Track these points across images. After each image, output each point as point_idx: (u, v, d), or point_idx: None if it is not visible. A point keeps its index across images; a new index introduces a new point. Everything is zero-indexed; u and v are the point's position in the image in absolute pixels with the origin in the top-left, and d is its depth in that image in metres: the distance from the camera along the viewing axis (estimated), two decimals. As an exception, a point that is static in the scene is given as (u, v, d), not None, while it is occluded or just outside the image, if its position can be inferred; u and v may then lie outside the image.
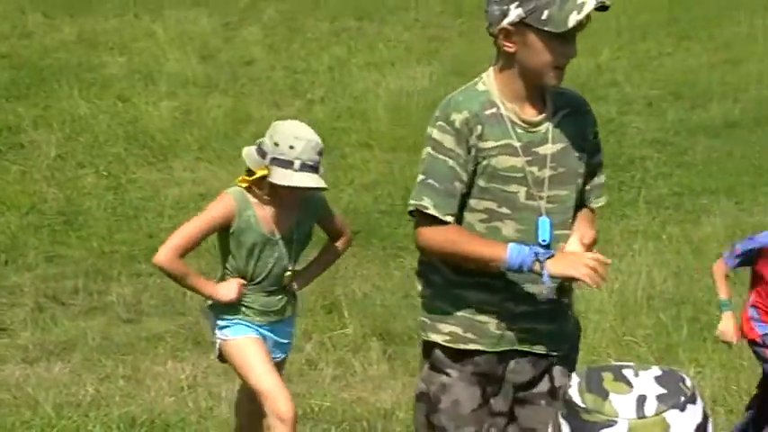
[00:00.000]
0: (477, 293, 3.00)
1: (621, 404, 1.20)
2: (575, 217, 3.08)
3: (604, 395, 1.21)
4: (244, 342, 3.87)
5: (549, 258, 2.85)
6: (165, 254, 3.86)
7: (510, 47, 2.86)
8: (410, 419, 4.02)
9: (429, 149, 2.95)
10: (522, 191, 2.94)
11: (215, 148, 9.75)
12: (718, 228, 7.96)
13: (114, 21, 13.61)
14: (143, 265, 7.05)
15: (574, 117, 3.06)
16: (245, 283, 3.88)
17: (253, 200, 3.85)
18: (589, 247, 2.95)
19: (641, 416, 1.20)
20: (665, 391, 1.22)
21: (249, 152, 3.88)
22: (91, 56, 12.33)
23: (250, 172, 3.84)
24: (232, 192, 3.92)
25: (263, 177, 3.75)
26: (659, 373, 1.27)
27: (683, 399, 1.24)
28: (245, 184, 3.87)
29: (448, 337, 3.03)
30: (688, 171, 9.65)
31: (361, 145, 9.98)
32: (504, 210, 2.95)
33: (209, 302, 4.02)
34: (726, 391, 5.48)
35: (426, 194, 2.91)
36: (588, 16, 2.75)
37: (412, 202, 2.97)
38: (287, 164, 3.69)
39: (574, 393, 1.23)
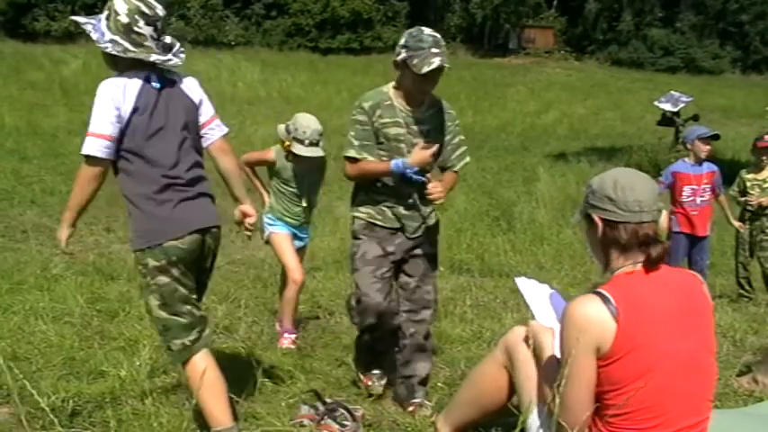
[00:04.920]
0: (379, 197, 4.13)
1: None
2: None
3: None
4: (280, 236, 5.38)
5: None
6: (241, 160, 5.06)
7: (398, 73, 4.05)
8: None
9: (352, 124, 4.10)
10: (403, 147, 4.04)
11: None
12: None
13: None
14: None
15: (438, 112, 4.16)
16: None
17: (284, 156, 5.29)
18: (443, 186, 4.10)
19: None
20: None
21: (280, 129, 5.33)
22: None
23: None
24: (273, 148, 5.39)
25: (289, 145, 5.19)
26: None
27: None
28: (283, 148, 5.29)
29: (365, 215, 4.15)
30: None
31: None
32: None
33: (264, 212, 5.40)
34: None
35: (351, 147, 4.06)
36: (438, 69, 3.85)
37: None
38: (301, 141, 5.14)
39: None
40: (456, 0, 44.17)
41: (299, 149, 5.15)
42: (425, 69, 3.81)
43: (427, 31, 3.95)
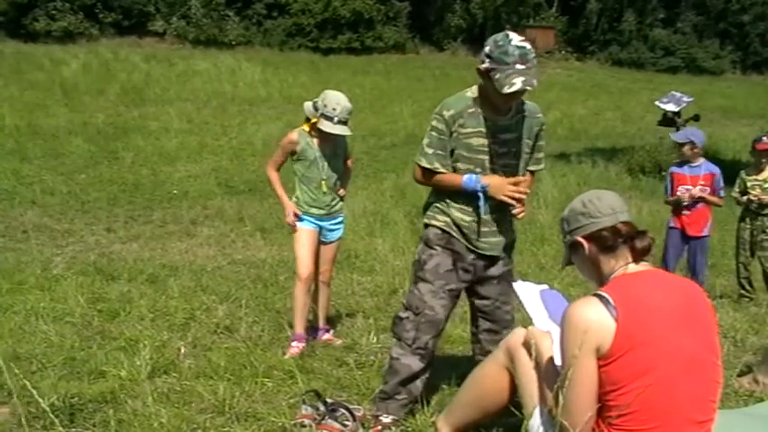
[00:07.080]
0: (458, 213, 3.82)
1: None
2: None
3: None
4: (301, 230, 5.22)
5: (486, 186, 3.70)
6: (267, 167, 5.41)
7: (481, 80, 3.67)
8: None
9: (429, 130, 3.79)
10: (486, 159, 3.75)
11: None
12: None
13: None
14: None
15: (523, 118, 3.82)
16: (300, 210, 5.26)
17: (308, 136, 5.18)
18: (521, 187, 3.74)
19: None
20: None
21: (307, 106, 5.23)
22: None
23: (308, 119, 5.18)
24: (296, 130, 5.27)
25: (315, 123, 5.10)
26: None
27: None
28: (306, 128, 5.21)
29: (442, 224, 3.83)
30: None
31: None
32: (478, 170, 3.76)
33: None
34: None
35: (423, 155, 3.77)
36: (520, 91, 3.51)
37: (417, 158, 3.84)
38: (330, 118, 5.03)
39: None
40: (457, 0, 44.15)
41: (327, 126, 5.05)
42: (506, 90, 3.47)
43: (516, 40, 3.53)
